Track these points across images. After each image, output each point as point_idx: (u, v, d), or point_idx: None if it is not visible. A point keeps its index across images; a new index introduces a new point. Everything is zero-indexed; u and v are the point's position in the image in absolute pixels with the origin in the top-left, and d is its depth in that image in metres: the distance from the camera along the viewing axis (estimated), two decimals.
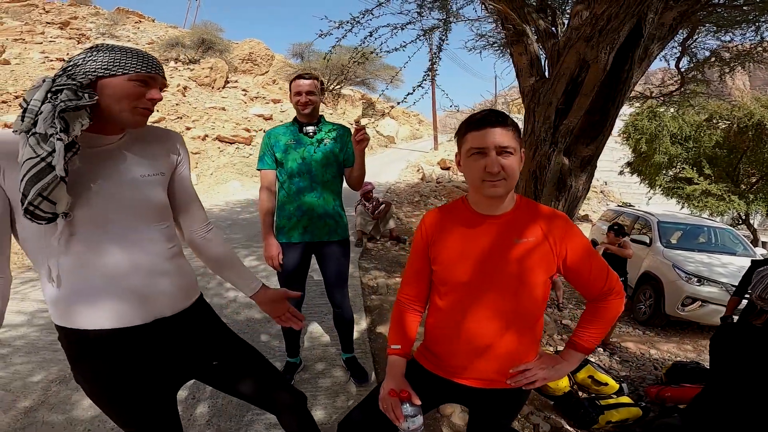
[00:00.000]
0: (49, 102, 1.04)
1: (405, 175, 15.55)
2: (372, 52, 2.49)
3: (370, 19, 2.35)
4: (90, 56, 1.11)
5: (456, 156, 1.45)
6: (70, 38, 21.51)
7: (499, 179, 1.28)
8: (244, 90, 21.09)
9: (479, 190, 1.34)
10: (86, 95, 1.07)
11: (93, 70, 1.10)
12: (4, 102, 12.04)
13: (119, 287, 1.19)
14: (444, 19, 2.41)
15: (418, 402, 1.40)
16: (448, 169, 15.38)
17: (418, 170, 15.60)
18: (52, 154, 1.01)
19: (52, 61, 16.59)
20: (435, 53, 2.44)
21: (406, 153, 21.41)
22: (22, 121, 1.04)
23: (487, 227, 1.39)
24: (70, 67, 1.10)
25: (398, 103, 2.58)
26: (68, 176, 1.05)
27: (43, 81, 1.08)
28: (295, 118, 2.62)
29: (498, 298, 1.37)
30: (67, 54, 17.82)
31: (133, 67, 1.13)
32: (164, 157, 1.35)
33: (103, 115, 1.14)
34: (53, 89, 1.06)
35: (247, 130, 16.33)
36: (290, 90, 2.54)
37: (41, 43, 19.39)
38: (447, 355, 1.48)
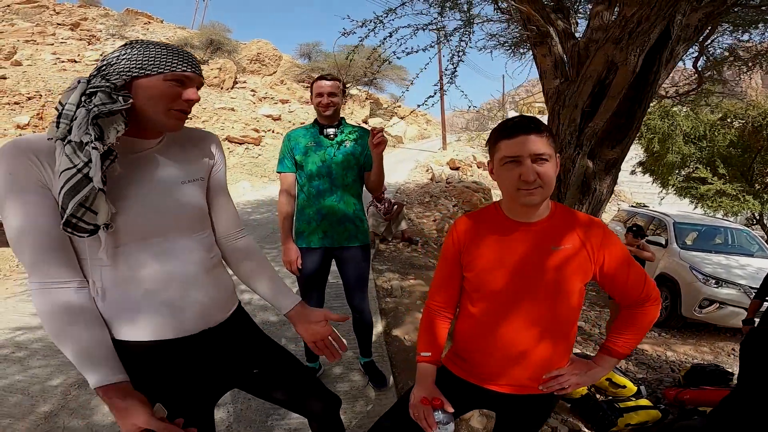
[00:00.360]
0: (83, 106, 0.98)
1: (414, 175, 15.49)
2: (394, 54, 2.46)
3: (393, 19, 2.32)
4: (124, 54, 1.05)
5: (488, 164, 1.43)
6: (80, 39, 21.68)
7: (535, 187, 1.26)
8: (252, 90, 21.18)
9: (515, 199, 1.32)
10: (120, 98, 1.01)
11: (127, 69, 1.03)
12: (16, 103, 12.13)
13: (161, 301, 1.14)
14: (466, 20, 2.37)
15: (451, 409, 1.39)
16: (457, 169, 15.33)
17: (427, 170, 15.54)
18: (88, 164, 0.96)
19: (63, 62, 16.72)
20: (457, 54, 2.42)
21: (414, 153, 21.35)
22: (57, 127, 0.98)
23: (523, 234, 1.37)
24: (104, 67, 1.04)
25: (418, 106, 2.56)
26: (107, 185, 1.00)
27: (78, 82, 1.02)
28: (315, 120, 2.60)
29: (534, 306, 1.36)
30: (78, 55, 17.95)
31: (168, 65, 1.06)
32: (202, 160, 1.30)
33: (139, 118, 1.08)
34: (87, 92, 1.00)
35: (256, 131, 16.42)
36: (311, 91, 2.52)
37: (52, 44, 19.54)
38: (480, 362, 1.46)
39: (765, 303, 4.11)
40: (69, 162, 0.96)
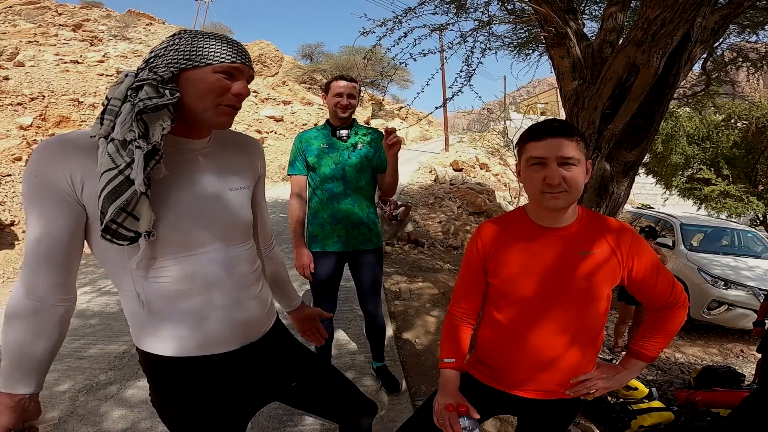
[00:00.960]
0: (129, 101, 0.92)
1: (417, 176, 15.41)
2: (411, 56, 2.43)
3: (410, 19, 2.29)
4: (172, 44, 0.98)
5: (516, 165, 1.41)
6: (83, 40, 21.63)
7: (559, 191, 1.24)
8: (254, 92, 21.11)
9: (539, 202, 1.30)
10: (168, 92, 0.94)
11: (175, 61, 0.96)
12: (19, 104, 12.07)
13: (202, 316, 1.09)
14: (487, 21, 2.35)
15: (477, 416, 1.38)
16: (460, 170, 15.28)
17: (430, 172, 15.47)
18: (130, 165, 0.89)
19: (66, 63, 16.67)
20: (473, 54, 2.39)
21: (416, 154, 21.27)
22: (101, 123, 0.92)
23: (550, 240, 1.35)
24: (152, 59, 0.98)
25: (436, 108, 2.54)
26: (151, 189, 0.93)
27: (126, 76, 0.96)
28: (327, 121, 2.56)
29: (563, 313, 1.34)
30: (81, 56, 17.92)
31: (217, 56, 0.98)
32: (249, 167, 1.24)
33: (186, 114, 1.01)
34: (134, 86, 0.93)
35: (259, 132, 16.38)
36: (326, 91, 2.47)
37: (55, 45, 19.50)
38: (507, 368, 1.44)
39: None
40: (111, 162, 0.90)
